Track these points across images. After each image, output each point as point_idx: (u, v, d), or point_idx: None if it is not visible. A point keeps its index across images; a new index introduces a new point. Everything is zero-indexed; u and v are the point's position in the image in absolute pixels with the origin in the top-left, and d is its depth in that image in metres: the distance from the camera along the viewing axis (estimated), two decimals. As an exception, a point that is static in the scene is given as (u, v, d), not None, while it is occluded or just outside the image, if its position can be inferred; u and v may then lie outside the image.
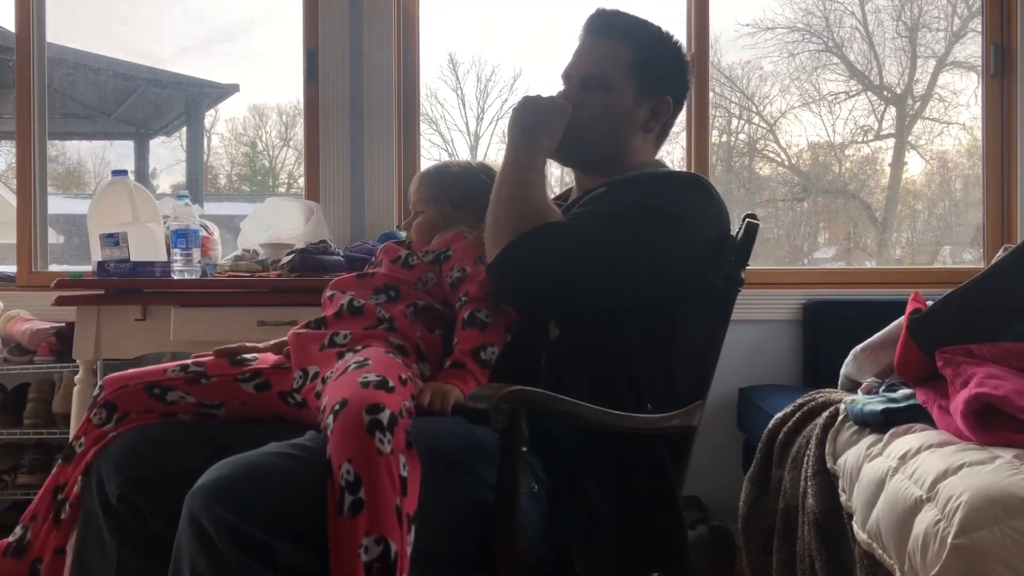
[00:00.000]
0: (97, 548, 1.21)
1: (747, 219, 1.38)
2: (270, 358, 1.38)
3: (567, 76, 1.45)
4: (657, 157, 1.51)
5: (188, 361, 1.34)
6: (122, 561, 1.19)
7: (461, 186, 1.49)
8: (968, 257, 3.17)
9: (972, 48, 3.11)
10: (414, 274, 1.40)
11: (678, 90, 1.46)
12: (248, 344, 1.40)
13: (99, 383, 1.32)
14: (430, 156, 3.13)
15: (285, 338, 1.39)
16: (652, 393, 1.30)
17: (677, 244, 1.28)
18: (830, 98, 3.26)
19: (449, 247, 1.40)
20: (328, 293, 1.40)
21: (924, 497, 1.26)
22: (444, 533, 1.08)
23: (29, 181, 2.87)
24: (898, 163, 3.34)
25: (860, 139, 3.33)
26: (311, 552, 0.99)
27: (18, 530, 1.30)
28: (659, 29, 1.46)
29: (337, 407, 1.02)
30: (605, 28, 1.43)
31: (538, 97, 1.38)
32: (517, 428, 1.06)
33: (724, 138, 3.39)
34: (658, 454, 1.28)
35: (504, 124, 3.56)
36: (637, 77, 1.40)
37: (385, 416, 1.00)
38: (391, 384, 1.07)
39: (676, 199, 1.32)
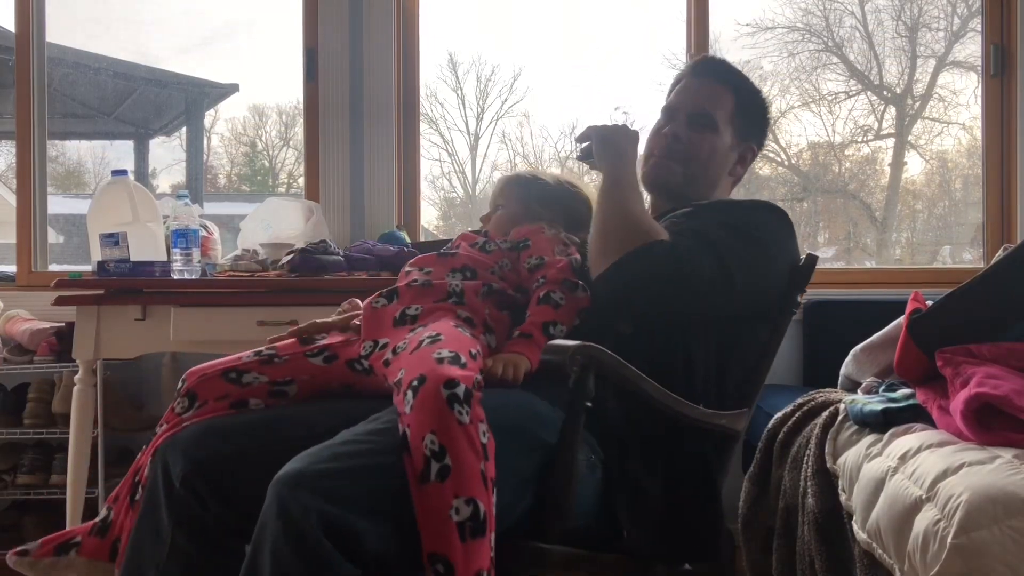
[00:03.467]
0: (152, 530, 1.24)
1: (809, 255, 1.48)
2: (338, 336, 1.43)
3: (671, 110, 1.56)
4: None
5: (262, 347, 1.41)
6: (174, 544, 1.22)
7: (546, 189, 1.60)
8: (968, 257, 3.17)
9: (972, 48, 3.11)
10: (491, 258, 1.48)
11: (761, 141, 1.60)
12: (319, 321, 1.47)
13: (182, 376, 1.38)
14: (430, 156, 3.13)
15: (353, 312, 1.47)
16: (705, 396, 1.37)
17: (763, 268, 1.39)
18: (830, 98, 3.27)
19: (529, 238, 1.49)
20: (406, 269, 1.49)
21: (924, 497, 1.26)
22: (509, 495, 1.12)
23: (29, 181, 2.87)
24: (898, 163, 3.34)
25: (860, 139, 3.33)
26: (396, 532, 1.03)
27: (104, 510, 1.36)
28: (752, 82, 1.60)
29: (415, 383, 1.08)
30: (712, 72, 1.56)
31: (615, 125, 1.50)
32: (585, 383, 1.12)
33: (724, 138, 3.39)
34: (704, 449, 1.36)
35: (504, 124, 3.57)
36: (736, 123, 1.54)
37: (461, 390, 1.06)
38: (463, 360, 1.13)
39: (763, 226, 1.43)
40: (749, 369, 1.46)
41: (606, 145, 1.47)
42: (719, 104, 1.53)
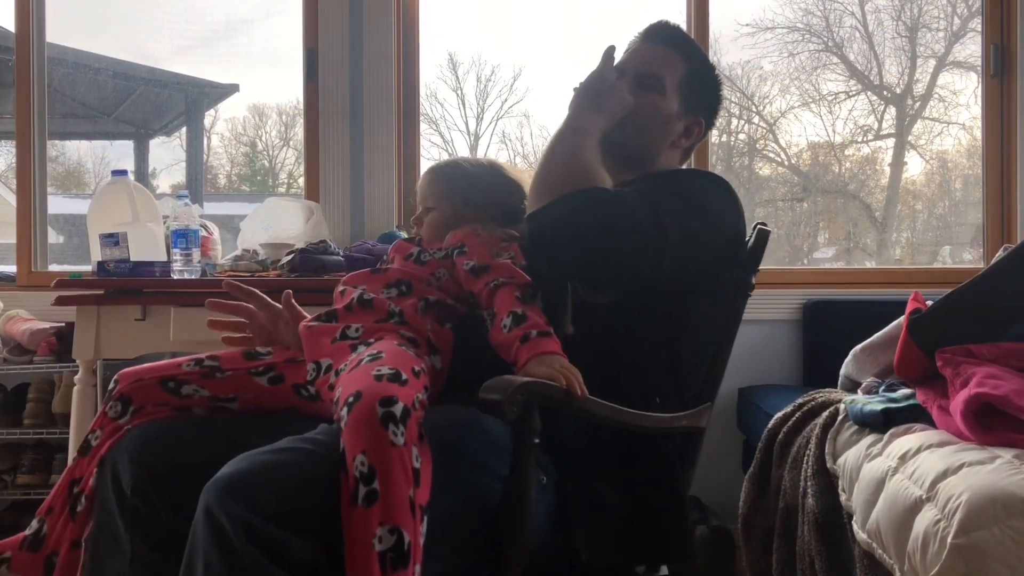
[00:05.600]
0: (111, 540, 1.21)
1: (758, 227, 1.42)
2: (283, 352, 1.38)
3: (620, 70, 1.48)
4: None
5: (203, 355, 1.35)
6: (136, 554, 1.19)
7: (476, 185, 1.48)
8: (968, 257, 3.17)
9: (972, 48, 3.11)
10: (426, 270, 1.40)
11: (710, 117, 1.54)
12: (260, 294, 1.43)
13: (114, 377, 1.32)
14: (430, 156, 3.13)
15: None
16: (659, 390, 1.32)
17: (702, 235, 1.31)
18: (830, 98, 3.27)
19: (464, 243, 1.40)
20: (340, 288, 1.41)
21: (924, 497, 1.26)
22: (452, 523, 1.09)
23: (29, 181, 2.87)
24: (898, 163, 3.34)
25: (860, 139, 3.33)
26: (325, 547, 1.00)
27: (34, 523, 1.30)
28: (707, 56, 1.55)
29: (351, 399, 1.03)
30: (668, 39, 1.50)
31: (612, 81, 1.42)
32: (530, 420, 1.07)
33: (724, 138, 3.39)
34: (666, 453, 1.30)
35: (504, 124, 3.57)
36: (684, 92, 1.47)
37: (398, 408, 1.02)
38: (404, 377, 1.08)
39: (705, 193, 1.37)
40: (704, 357, 1.40)
41: (588, 94, 1.39)
42: (669, 68, 1.47)
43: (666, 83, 1.46)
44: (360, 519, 0.98)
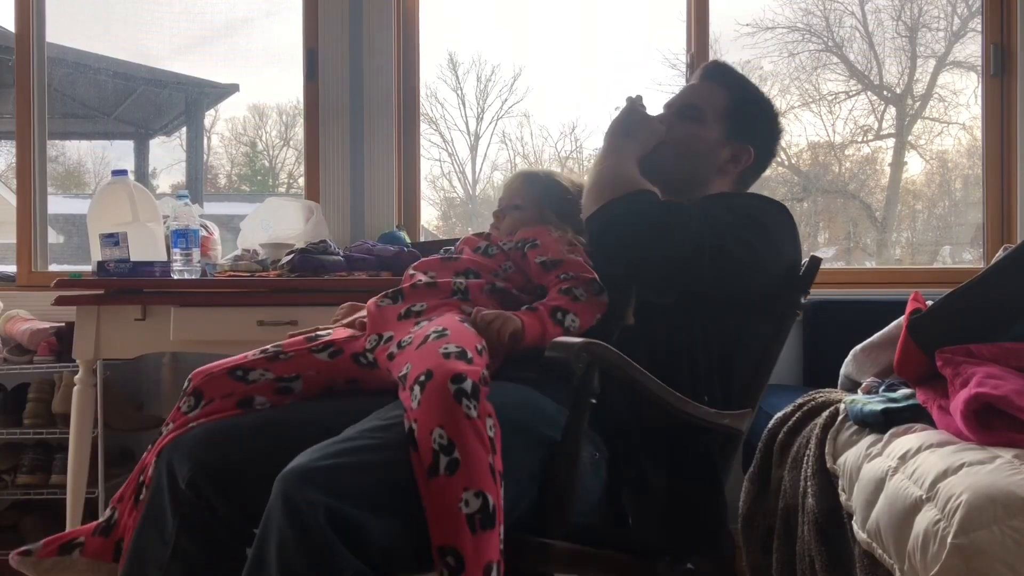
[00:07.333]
0: (156, 530, 1.25)
1: (812, 256, 1.49)
2: (343, 331, 1.45)
3: (667, 105, 1.60)
4: None
5: (268, 346, 1.42)
6: (178, 547, 1.22)
7: (569, 201, 1.59)
8: (968, 257, 3.17)
9: (972, 48, 3.11)
10: (494, 262, 1.50)
11: (763, 146, 1.58)
12: (320, 327, 1.50)
13: (188, 376, 1.39)
14: (430, 156, 3.13)
15: (356, 313, 1.51)
16: (709, 392, 1.39)
17: (761, 252, 1.38)
18: (830, 98, 3.27)
19: (537, 238, 1.50)
20: (410, 271, 1.50)
21: (924, 497, 1.26)
22: (513, 491, 1.13)
23: (29, 181, 2.87)
24: (898, 163, 3.34)
25: (860, 139, 3.33)
26: (402, 527, 1.04)
27: (108, 511, 1.36)
28: (760, 91, 1.62)
29: (422, 378, 1.10)
30: (712, 74, 1.60)
31: (643, 111, 1.54)
32: (589, 381, 1.13)
33: (724, 138, 3.38)
34: (708, 447, 1.38)
35: (504, 124, 3.57)
36: (727, 120, 1.54)
37: (468, 385, 1.08)
38: (470, 355, 1.15)
39: (767, 214, 1.44)
40: (752, 367, 1.46)
41: (618, 128, 1.51)
42: (709, 99, 1.55)
43: (706, 112, 1.54)
44: (444, 487, 1.04)
